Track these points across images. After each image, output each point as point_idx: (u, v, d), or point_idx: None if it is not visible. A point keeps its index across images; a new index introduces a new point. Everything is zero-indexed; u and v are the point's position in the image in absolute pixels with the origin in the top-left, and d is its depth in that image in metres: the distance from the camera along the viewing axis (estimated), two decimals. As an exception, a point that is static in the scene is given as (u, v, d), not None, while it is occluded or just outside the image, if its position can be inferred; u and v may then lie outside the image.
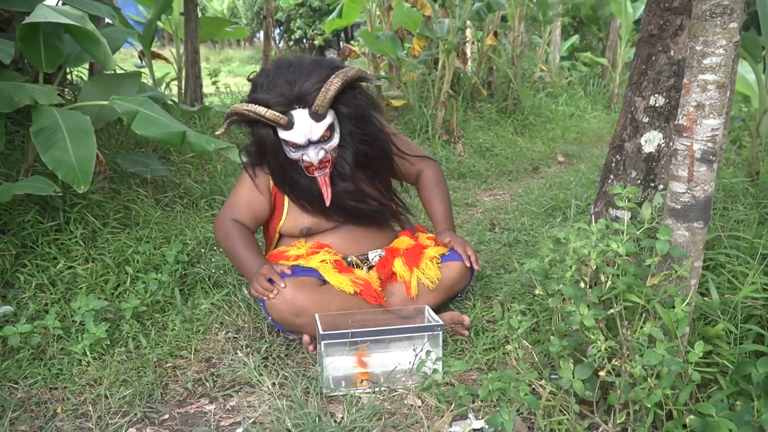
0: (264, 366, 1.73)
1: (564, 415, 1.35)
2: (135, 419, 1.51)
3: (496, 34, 5.64)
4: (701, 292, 1.56)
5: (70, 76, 3.10)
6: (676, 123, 1.31)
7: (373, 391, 1.60)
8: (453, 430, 1.43)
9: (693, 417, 1.19)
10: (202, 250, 2.33)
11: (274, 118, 1.72)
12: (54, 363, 1.72)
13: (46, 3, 2.03)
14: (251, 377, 1.67)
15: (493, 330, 1.89)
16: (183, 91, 4.17)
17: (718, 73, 1.24)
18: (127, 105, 2.07)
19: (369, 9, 5.16)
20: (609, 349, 1.25)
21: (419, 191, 2.13)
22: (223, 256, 2.31)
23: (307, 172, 1.83)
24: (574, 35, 8.92)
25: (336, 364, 1.65)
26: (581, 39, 8.91)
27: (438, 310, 1.92)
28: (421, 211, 2.62)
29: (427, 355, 1.57)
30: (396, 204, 2.07)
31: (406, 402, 1.56)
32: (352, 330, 1.63)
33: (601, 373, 1.24)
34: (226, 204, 1.95)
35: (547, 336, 1.46)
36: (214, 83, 5.17)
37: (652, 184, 1.94)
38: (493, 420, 1.27)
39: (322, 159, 1.79)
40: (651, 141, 1.91)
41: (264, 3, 4.52)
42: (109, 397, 1.58)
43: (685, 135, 1.29)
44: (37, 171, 2.24)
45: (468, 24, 5.63)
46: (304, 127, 1.75)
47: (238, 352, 1.81)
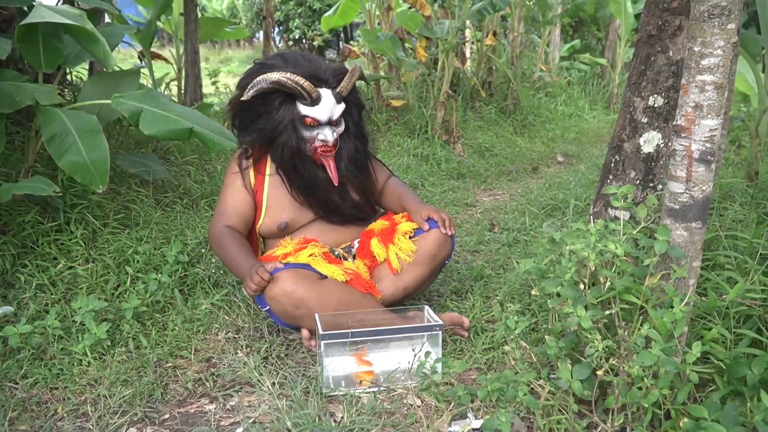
0: (264, 366, 1.73)
1: (563, 414, 1.36)
2: (135, 419, 1.52)
3: (495, 34, 5.64)
4: (700, 292, 1.56)
5: (69, 76, 3.11)
6: (675, 123, 1.32)
7: (373, 392, 1.61)
8: (452, 429, 1.43)
9: (687, 420, 1.19)
10: (203, 251, 2.33)
11: (310, 89, 1.82)
12: (54, 363, 1.72)
13: (45, 2, 2.04)
14: (251, 377, 1.67)
15: (492, 330, 1.89)
16: (183, 91, 4.17)
17: (716, 74, 1.25)
18: (131, 103, 2.07)
19: (368, 9, 5.16)
20: (607, 349, 1.25)
21: (385, 197, 2.15)
22: (223, 256, 2.31)
23: (313, 155, 1.91)
24: (574, 36, 8.93)
25: (336, 363, 1.65)
26: (581, 39, 8.91)
27: (429, 283, 1.99)
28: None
29: (426, 355, 1.57)
30: (373, 210, 2.13)
31: (405, 402, 1.57)
32: (352, 330, 1.63)
33: (599, 373, 1.25)
34: (215, 212, 2.00)
35: (546, 336, 1.46)
36: (214, 83, 5.17)
37: (651, 185, 1.94)
38: (490, 423, 1.27)
39: (335, 139, 1.90)
40: (650, 141, 1.92)
41: (264, 3, 4.52)
42: (110, 397, 1.58)
43: (683, 135, 1.30)
44: (37, 171, 2.25)
45: (468, 24, 5.64)
46: (328, 104, 1.87)
47: (238, 352, 1.82)
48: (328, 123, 1.89)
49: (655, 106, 1.90)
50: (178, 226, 2.45)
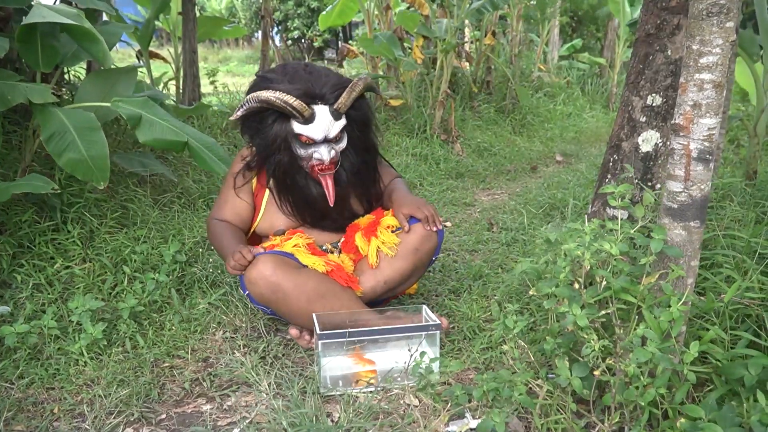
0: (261, 366, 1.73)
1: (561, 414, 1.35)
2: (132, 419, 1.51)
3: (494, 33, 5.64)
4: (698, 291, 1.56)
5: (67, 76, 3.10)
6: (673, 122, 1.31)
7: (370, 391, 1.60)
8: (450, 429, 1.43)
9: (684, 420, 1.19)
10: (200, 250, 2.33)
11: (301, 107, 1.75)
12: (51, 363, 1.72)
13: (43, 2, 2.03)
14: (248, 377, 1.67)
15: (490, 330, 1.89)
16: (181, 90, 4.16)
17: (715, 73, 1.24)
18: (130, 108, 2.09)
19: (367, 9, 5.15)
20: (603, 349, 1.25)
21: (384, 197, 2.08)
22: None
23: (310, 173, 1.86)
24: (573, 36, 8.92)
25: (333, 363, 1.65)
26: (581, 38, 8.91)
27: (416, 277, 1.96)
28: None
29: (421, 355, 1.57)
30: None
31: (403, 401, 1.56)
32: (350, 329, 1.63)
33: (596, 372, 1.24)
34: (215, 205, 2.01)
35: (544, 335, 1.46)
36: (212, 83, 5.16)
37: (650, 184, 1.94)
38: (485, 424, 1.27)
39: (332, 158, 1.83)
40: (648, 140, 1.91)
41: (262, 2, 4.51)
42: (106, 397, 1.58)
43: (681, 134, 1.29)
44: (35, 170, 2.24)
45: (466, 23, 5.63)
46: (324, 123, 1.79)
47: (236, 351, 1.81)
48: (325, 141, 1.82)
49: (654, 105, 1.89)
50: (176, 225, 2.45)
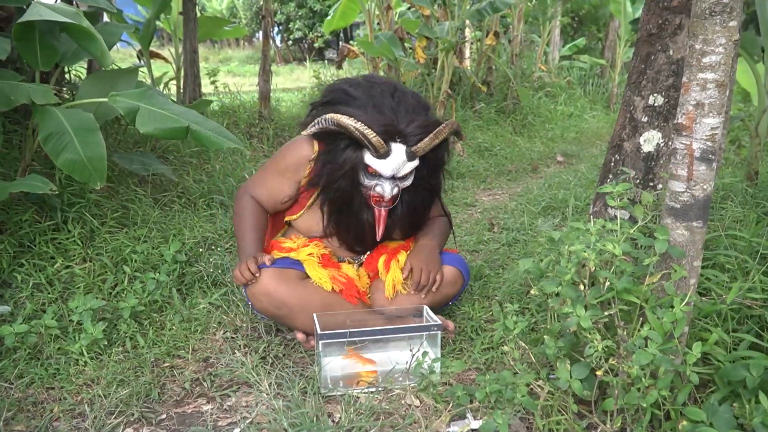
0: (262, 366, 1.72)
1: (562, 415, 1.35)
2: (132, 419, 1.51)
3: (495, 33, 5.64)
4: (700, 292, 1.55)
5: (68, 75, 3.10)
6: (676, 122, 1.31)
7: (371, 392, 1.60)
8: (451, 430, 1.42)
9: (685, 423, 1.18)
10: (201, 250, 2.32)
11: (378, 144, 1.67)
12: (51, 363, 1.71)
13: (42, 1, 2.03)
14: (249, 377, 1.66)
15: (491, 330, 1.88)
16: (182, 90, 4.16)
17: (718, 72, 1.24)
18: (127, 101, 2.05)
19: (368, 9, 5.15)
20: (606, 349, 1.24)
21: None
22: (221, 256, 2.30)
23: (367, 200, 1.80)
24: (574, 36, 8.92)
25: (334, 363, 1.64)
26: (583, 38, 8.91)
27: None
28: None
29: (423, 355, 1.56)
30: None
31: (404, 402, 1.56)
32: (350, 330, 1.63)
33: (599, 373, 1.24)
34: (254, 178, 1.92)
35: (544, 335, 1.46)
36: (213, 83, 5.16)
37: (651, 184, 1.93)
38: (488, 425, 1.26)
39: (394, 195, 1.77)
40: (650, 140, 1.91)
41: (263, 3, 4.51)
42: (106, 397, 1.57)
43: (684, 134, 1.29)
44: (35, 170, 2.24)
45: (467, 24, 5.63)
46: (397, 161, 1.72)
47: (236, 351, 1.81)
48: (392, 177, 1.75)
49: (655, 105, 1.89)
50: (177, 225, 2.44)
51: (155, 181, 2.75)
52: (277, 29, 16.81)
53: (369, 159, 1.72)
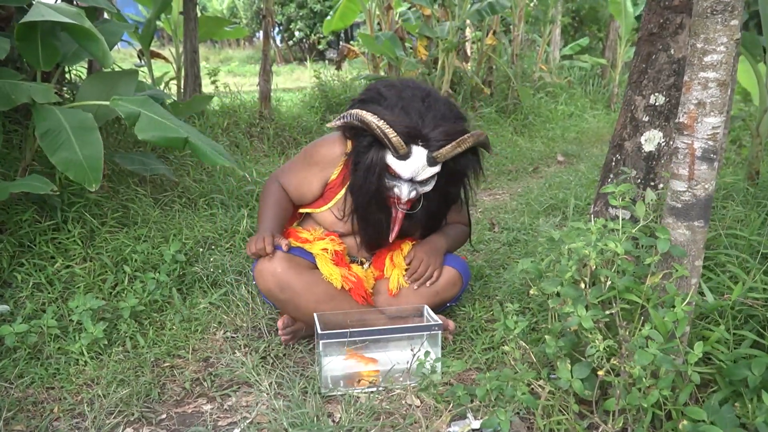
0: (262, 365, 1.72)
1: (563, 414, 1.35)
2: (132, 419, 1.50)
3: (495, 33, 5.63)
4: (701, 291, 1.55)
5: (69, 75, 3.09)
6: (677, 121, 1.31)
7: (371, 391, 1.59)
8: (452, 430, 1.42)
9: (686, 422, 1.18)
10: (201, 250, 2.32)
11: (398, 144, 1.66)
12: (51, 362, 1.71)
13: (44, 0, 2.03)
14: (249, 377, 1.66)
15: (491, 330, 1.88)
16: (182, 90, 4.16)
17: (719, 71, 1.23)
18: (129, 106, 2.06)
19: (369, 9, 5.15)
20: (608, 349, 1.24)
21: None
22: (221, 255, 2.30)
23: (386, 202, 1.79)
24: (575, 36, 8.91)
25: (334, 363, 1.64)
26: (587, 38, 8.90)
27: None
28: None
29: (425, 355, 1.56)
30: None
31: (404, 402, 1.56)
32: (351, 330, 1.62)
33: (600, 373, 1.23)
34: (285, 167, 1.95)
35: (544, 335, 1.45)
36: (213, 83, 5.16)
37: (652, 183, 1.93)
38: (490, 422, 1.26)
39: (411, 198, 1.76)
40: (651, 140, 1.90)
41: (264, 3, 4.51)
42: (106, 396, 1.57)
43: (685, 133, 1.29)
44: (35, 170, 2.23)
45: (468, 23, 5.63)
46: (417, 164, 1.70)
47: (236, 351, 1.80)
48: (411, 180, 1.74)
49: (657, 104, 1.88)
50: (177, 225, 2.44)
51: (155, 180, 2.75)
52: (277, 29, 16.82)
53: (390, 159, 1.71)
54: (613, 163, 2.00)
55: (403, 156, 1.69)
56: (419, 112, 1.72)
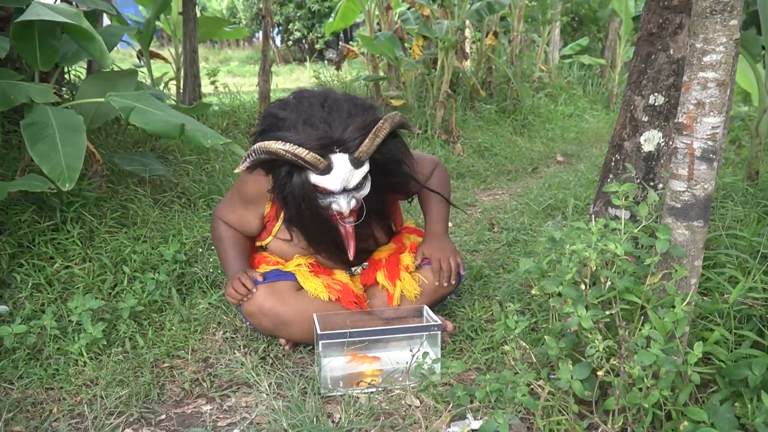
0: (261, 366, 1.72)
1: (563, 415, 1.34)
2: (131, 420, 1.50)
3: (495, 33, 5.63)
4: (701, 292, 1.55)
5: (68, 76, 3.09)
6: (676, 121, 1.30)
7: (371, 392, 1.59)
8: (451, 430, 1.42)
9: (687, 423, 1.18)
10: (200, 250, 2.32)
11: (314, 161, 1.53)
12: (50, 363, 1.71)
13: (42, 1, 2.02)
14: (248, 377, 1.66)
15: (491, 330, 1.88)
16: (182, 90, 4.16)
17: (719, 71, 1.23)
18: (124, 101, 2.04)
19: (368, 9, 5.15)
20: (607, 349, 1.24)
21: (419, 194, 2.00)
22: (220, 256, 2.30)
23: (330, 222, 1.69)
24: (574, 36, 8.91)
25: (334, 364, 1.64)
26: (587, 38, 8.89)
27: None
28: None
29: (424, 356, 1.56)
30: (394, 233, 2.02)
31: (404, 402, 1.55)
32: (350, 330, 1.62)
33: (600, 373, 1.23)
34: (223, 205, 1.90)
35: (545, 335, 1.45)
36: (213, 83, 5.16)
37: (652, 183, 1.93)
38: (488, 425, 1.26)
39: (352, 208, 1.64)
40: (650, 140, 1.90)
41: (263, 3, 4.51)
42: (106, 397, 1.57)
43: (685, 133, 1.28)
44: (34, 170, 2.23)
45: (467, 24, 5.63)
46: (342, 173, 1.57)
47: (236, 352, 1.80)
48: (344, 191, 1.61)
49: (656, 104, 1.88)
50: (176, 225, 2.44)
51: (154, 181, 2.75)
52: (276, 30, 16.82)
53: (314, 178, 1.58)
54: (612, 163, 2.00)
55: (325, 170, 1.56)
56: (323, 120, 1.60)
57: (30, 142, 1.82)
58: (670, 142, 1.80)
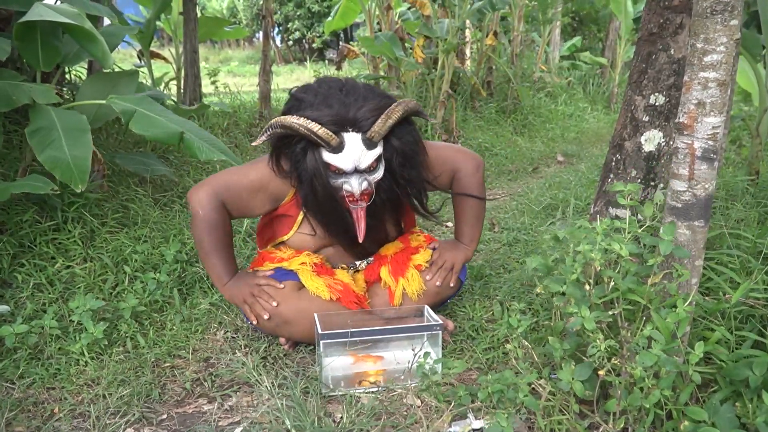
0: (263, 366, 1.72)
1: (564, 415, 1.35)
2: (133, 419, 1.50)
3: (495, 33, 5.63)
4: (702, 291, 1.55)
5: (69, 76, 3.10)
6: (677, 121, 1.31)
7: (372, 392, 1.59)
8: (453, 430, 1.42)
9: (687, 423, 1.18)
10: (201, 250, 2.32)
11: (326, 136, 1.59)
12: (51, 363, 1.71)
13: (44, 1, 2.02)
14: (250, 377, 1.66)
15: (492, 329, 1.88)
16: (182, 90, 4.16)
17: (719, 71, 1.23)
18: (125, 104, 2.05)
19: (368, 9, 5.15)
20: (609, 349, 1.24)
21: (453, 190, 1.94)
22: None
23: (342, 203, 1.71)
24: (574, 35, 8.91)
25: (336, 363, 1.64)
26: (582, 38, 8.90)
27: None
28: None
29: (425, 356, 1.56)
30: (408, 226, 2.03)
31: (405, 402, 1.56)
32: (351, 330, 1.62)
33: (601, 372, 1.23)
34: (223, 178, 1.77)
35: (548, 335, 1.45)
36: (213, 83, 5.16)
37: (652, 183, 1.93)
38: (492, 429, 1.26)
39: (364, 190, 1.67)
40: (651, 140, 1.90)
41: (263, 3, 4.51)
42: (107, 397, 1.57)
43: (685, 133, 1.29)
44: (35, 170, 2.24)
45: (467, 24, 5.63)
46: (354, 152, 1.62)
47: (237, 351, 1.80)
48: (356, 171, 1.65)
49: (657, 104, 1.88)
50: (177, 225, 2.44)
51: (155, 181, 2.75)
52: (277, 29, 16.83)
53: (327, 156, 1.64)
54: (613, 163, 2.00)
55: (337, 148, 1.62)
56: (340, 101, 1.66)
57: (38, 149, 1.85)
58: (671, 142, 1.80)
